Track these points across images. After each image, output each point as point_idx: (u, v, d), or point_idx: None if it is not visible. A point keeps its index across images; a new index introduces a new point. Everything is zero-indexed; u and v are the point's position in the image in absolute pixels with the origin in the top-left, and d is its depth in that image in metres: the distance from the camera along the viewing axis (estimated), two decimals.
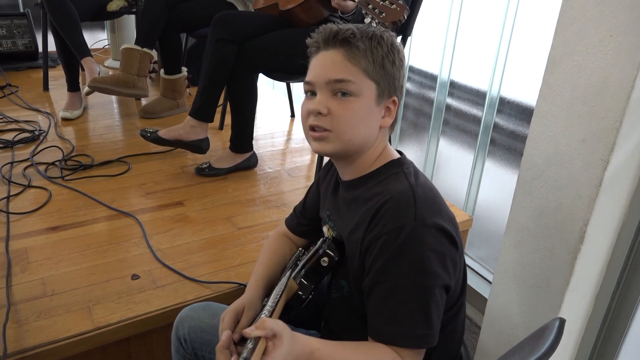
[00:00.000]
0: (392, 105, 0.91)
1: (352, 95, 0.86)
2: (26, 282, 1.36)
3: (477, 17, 2.00)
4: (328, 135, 0.88)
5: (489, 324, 1.36)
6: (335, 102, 0.87)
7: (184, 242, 1.58)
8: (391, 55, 0.88)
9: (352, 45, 0.86)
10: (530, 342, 0.80)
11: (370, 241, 0.84)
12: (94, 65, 2.35)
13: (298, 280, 0.93)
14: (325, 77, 0.87)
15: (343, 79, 0.86)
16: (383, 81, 0.88)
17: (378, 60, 0.87)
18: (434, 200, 0.87)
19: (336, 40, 0.87)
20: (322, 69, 0.88)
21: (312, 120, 0.88)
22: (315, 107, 0.87)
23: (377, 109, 0.89)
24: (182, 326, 1.07)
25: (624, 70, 0.97)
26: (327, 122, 0.87)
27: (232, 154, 2.03)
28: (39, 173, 1.90)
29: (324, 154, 0.92)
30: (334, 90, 0.87)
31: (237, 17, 1.92)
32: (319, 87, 0.88)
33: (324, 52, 0.89)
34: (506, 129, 1.92)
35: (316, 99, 0.88)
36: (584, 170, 1.06)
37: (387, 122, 0.91)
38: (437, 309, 0.83)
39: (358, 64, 0.86)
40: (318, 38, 0.90)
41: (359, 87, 0.86)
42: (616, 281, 1.19)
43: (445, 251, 0.83)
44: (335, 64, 0.87)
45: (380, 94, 0.88)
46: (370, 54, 0.86)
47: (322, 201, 1.06)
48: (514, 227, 1.25)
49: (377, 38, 0.87)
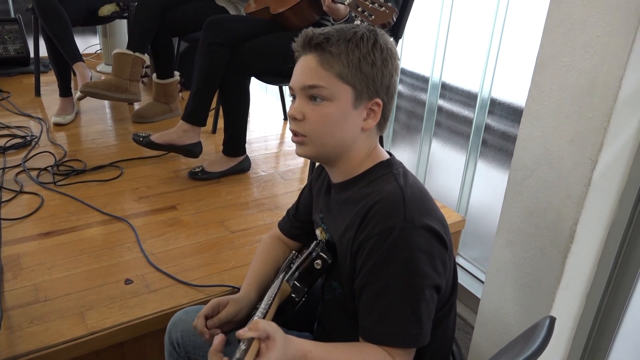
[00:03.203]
0: (376, 107, 0.89)
1: (326, 100, 0.87)
2: (19, 288, 1.36)
3: (467, 19, 2.01)
4: (304, 140, 0.90)
5: (482, 324, 1.37)
6: (310, 107, 0.88)
7: (177, 246, 1.58)
8: (370, 57, 0.86)
9: (325, 50, 0.86)
10: (521, 340, 0.81)
11: (361, 243, 0.85)
12: (86, 70, 2.34)
13: (291, 283, 0.93)
14: (301, 82, 0.88)
15: (315, 85, 0.87)
16: (360, 84, 0.86)
17: (354, 63, 0.85)
18: (423, 201, 0.87)
19: (310, 45, 0.87)
20: (299, 75, 0.89)
21: (290, 125, 0.91)
22: (291, 112, 0.90)
23: (356, 112, 0.88)
24: (175, 330, 1.07)
25: (611, 71, 0.98)
26: (302, 127, 0.89)
27: (225, 158, 2.03)
28: (31, 179, 1.90)
29: (303, 157, 0.94)
30: (309, 96, 0.88)
31: (229, 21, 1.93)
32: (297, 93, 0.90)
33: (302, 57, 0.90)
34: (497, 130, 1.93)
35: (294, 104, 0.90)
36: (573, 170, 1.07)
37: (370, 124, 0.90)
38: (428, 309, 0.83)
39: (331, 68, 0.86)
40: (297, 43, 0.91)
41: (331, 92, 0.86)
42: (607, 279, 1.20)
43: (435, 251, 0.83)
44: (309, 69, 0.88)
45: (358, 97, 0.87)
46: (345, 57, 0.85)
47: (314, 204, 1.07)
48: (505, 227, 1.26)
49: (355, 40, 0.86)
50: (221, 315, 0.97)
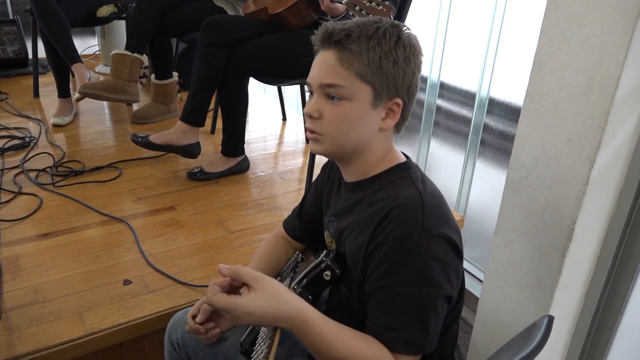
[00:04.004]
0: (396, 107, 0.86)
1: (344, 99, 0.84)
2: (17, 289, 1.36)
3: (465, 19, 2.02)
4: (319, 138, 0.87)
5: (481, 323, 1.37)
6: (327, 105, 0.85)
7: (176, 246, 1.58)
8: (392, 55, 0.82)
9: (345, 47, 0.82)
10: (519, 339, 0.81)
11: (375, 246, 0.83)
12: (84, 71, 2.34)
13: (298, 291, 0.91)
14: (318, 80, 0.85)
15: (333, 84, 0.83)
16: (380, 83, 0.83)
17: (375, 61, 0.82)
18: (441, 209, 0.85)
19: (330, 41, 0.84)
20: (317, 71, 0.86)
21: (307, 122, 0.88)
22: (308, 110, 0.87)
23: (374, 112, 0.85)
24: (175, 331, 1.07)
25: (608, 70, 0.98)
26: (319, 126, 0.86)
27: (223, 158, 2.03)
28: (30, 180, 1.90)
29: (318, 154, 0.91)
30: (327, 94, 0.85)
31: (227, 21, 1.93)
32: (314, 89, 0.87)
33: (321, 53, 0.86)
34: (496, 129, 1.93)
35: (312, 101, 0.87)
36: (571, 169, 1.08)
37: (389, 124, 0.87)
38: (436, 319, 0.82)
39: (351, 67, 0.82)
40: (317, 37, 0.87)
41: (350, 91, 0.83)
42: (605, 278, 1.20)
43: (450, 261, 0.82)
44: (327, 66, 0.84)
45: (377, 96, 0.84)
46: (365, 56, 0.82)
47: (324, 206, 1.04)
48: (503, 226, 1.26)
49: (377, 37, 0.82)
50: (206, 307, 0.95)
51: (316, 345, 0.79)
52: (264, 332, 0.81)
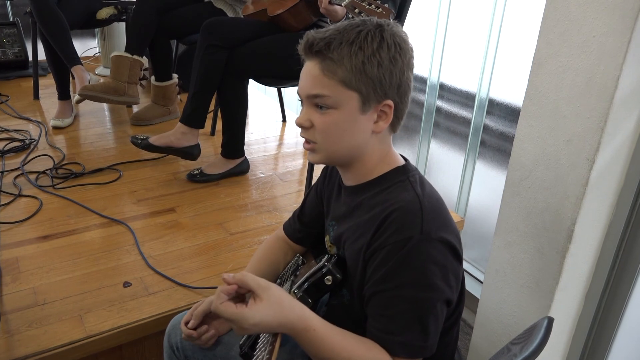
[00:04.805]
0: (387, 109, 0.85)
1: (331, 108, 0.83)
2: (17, 291, 1.36)
3: (465, 20, 2.02)
4: (315, 147, 0.88)
5: (481, 325, 1.37)
6: (317, 115, 0.85)
7: (176, 248, 1.58)
8: (375, 58, 0.81)
9: (326, 57, 0.82)
10: (519, 341, 0.81)
11: (374, 250, 0.83)
12: (84, 74, 2.34)
13: (299, 295, 0.91)
14: (305, 91, 0.86)
15: (319, 94, 0.83)
16: (367, 88, 0.82)
17: (357, 67, 0.81)
18: (440, 212, 0.85)
19: (312, 51, 0.83)
20: (303, 82, 0.86)
21: (301, 132, 0.89)
22: (299, 121, 0.87)
23: (365, 116, 0.84)
24: (174, 333, 1.07)
25: (608, 71, 0.98)
26: (311, 135, 0.87)
27: (223, 160, 2.03)
28: (30, 182, 1.90)
29: (316, 163, 0.92)
30: (315, 104, 0.85)
31: (226, 23, 1.93)
32: (303, 100, 0.87)
33: (307, 63, 0.86)
34: (496, 130, 1.93)
35: (302, 111, 0.88)
36: (571, 170, 1.07)
37: (381, 126, 0.86)
38: (436, 322, 0.82)
39: (334, 76, 0.82)
40: (300, 48, 0.87)
41: (336, 100, 0.83)
42: (605, 279, 1.20)
43: (449, 265, 0.81)
44: (312, 77, 0.84)
45: (365, 102, 0.83)
46: (348, 62, 0.81)
47: (326, 211, 1.04)
48: (503, 227, 1.26)
49: (358, 42, 0.81)
50: (198, 312, 0.97)
51: (317, 351, 0.79)
52: (264, 336, 0.81)
